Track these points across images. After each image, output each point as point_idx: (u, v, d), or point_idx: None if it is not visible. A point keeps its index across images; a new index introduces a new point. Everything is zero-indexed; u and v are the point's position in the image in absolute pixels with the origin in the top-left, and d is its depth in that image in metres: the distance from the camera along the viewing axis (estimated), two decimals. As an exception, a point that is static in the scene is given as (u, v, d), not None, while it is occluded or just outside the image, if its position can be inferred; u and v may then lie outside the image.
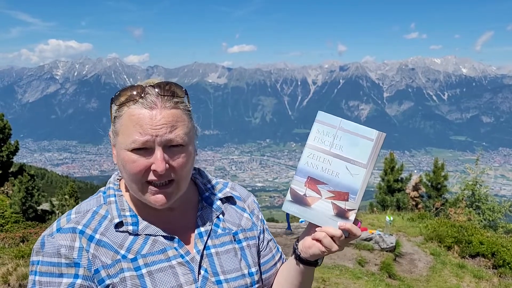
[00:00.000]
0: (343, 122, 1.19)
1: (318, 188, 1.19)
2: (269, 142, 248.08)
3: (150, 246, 1.19)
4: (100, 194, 1.28)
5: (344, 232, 1.17)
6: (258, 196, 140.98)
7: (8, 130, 21.53)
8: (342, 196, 1.18)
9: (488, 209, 13.16)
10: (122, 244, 1.17)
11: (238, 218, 1.37)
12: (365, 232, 8.50)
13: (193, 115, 1.22)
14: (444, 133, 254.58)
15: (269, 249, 1.44)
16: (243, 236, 1.34)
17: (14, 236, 14.02)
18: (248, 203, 1.44)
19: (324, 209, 1.19)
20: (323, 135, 1.20)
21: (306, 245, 1.24)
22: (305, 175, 1.20)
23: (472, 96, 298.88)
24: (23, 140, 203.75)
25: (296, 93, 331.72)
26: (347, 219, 1.19)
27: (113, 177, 1.32)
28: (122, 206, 1.23)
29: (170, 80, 1.17)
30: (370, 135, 1.18)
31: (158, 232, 1.21)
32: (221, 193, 1.38)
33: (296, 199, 1.21)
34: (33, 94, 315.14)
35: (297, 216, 1.22)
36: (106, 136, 1.24)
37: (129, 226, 1.19)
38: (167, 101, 1.13)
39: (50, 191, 29.80)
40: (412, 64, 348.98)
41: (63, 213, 18.94)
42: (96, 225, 1.19)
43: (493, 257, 8.58)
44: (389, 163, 16.01)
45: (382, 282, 7.13)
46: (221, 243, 1.28)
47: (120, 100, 1.15)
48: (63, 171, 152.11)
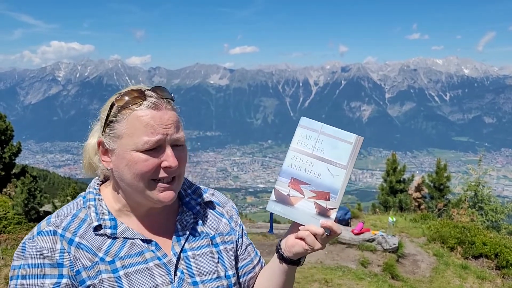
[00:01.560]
0: (324, 127, 1.26)
1: (301, 188, 1.24)
2: (271, 143, 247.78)
3: (128, 248, 1.21)
4: (80, 198, 1.30)
5: (326, 230, 1.22)
6: (260, 197, 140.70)
7: (11, 131, 21.57)
8: (323, 195, 1.23)
9: (491, 210, 13.11)
10: (100, 247, 1.19)
11: (216, 223, 1.40)
12: (367, 233, 8.49)
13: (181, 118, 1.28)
14: (446, 134, 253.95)
15: (247, 253, 1.47)
16: (220, 240, 1.37)
17: (17, 237, 14.06)
18: (227, 209, 1.47)
19: (307, 208, 1.23)
20: (306, 138, 1.25)
21: (289, 244, 1.27)
22: (288, 176, 1.25)
23: (474, 96, 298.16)
24: (25, 142, 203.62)
25: (298, 94, 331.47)
26: (328, 218, 1.23)
27: (93, 182, 1.33)
28: (101, 210, 1.25)
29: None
30: (349, 139, 1.25)
31: (136, 236, 1.23)
32: (200, 198, 1.41)
33: (280, 199, 1.25)
34: (35, 95, 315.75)
35: (281, 215, 1.26)
36: (81, 147, 1.26)
37: (107, 229, 1.21)
38: (167, 103, 1.20)
39: (52, 193, 29.83)
40: (414, 65, 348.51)
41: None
42: (76, 228, 1.20)
43: (496, 258, 8.56)
44: (391, 164, 15.98)
45: (385, 283, 7.12)
46: (198, 246, 1.31)
47: (122, 103, 1.18)
48: (65, 172, 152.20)
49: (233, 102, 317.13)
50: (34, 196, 18.41)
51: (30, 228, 17.16)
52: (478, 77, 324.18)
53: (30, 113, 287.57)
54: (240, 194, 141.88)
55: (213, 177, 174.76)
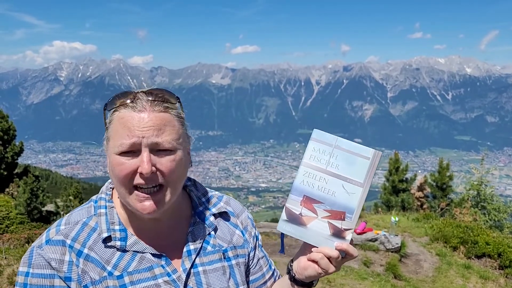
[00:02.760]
0: (339, 141, 1.18)
1: (314, 207, 1.18)
2: (273, 143, 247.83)
3: (137, 263, 1.18)
4: (91, 203, 1.26)
5: (341, 252, 1.16)
6: (262, 196, 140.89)
7: (13, 131, 21.62)
8: (338, 215, 1.17)
9: (494, 209, 13.09)
10: (109, 260, 1.17)
11: (229, 235, 1.35)
12: (370, 233, 8.48)
13: (186, 125, 1.21)
14: (448, 133, 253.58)
15: (259, 267, 1.43)
16: (232, 254, 1.33)
17: (19, 237, 14.08)
18: (242, 219, 1.42)
19: (320, 228, 1.17)
20: (319, 153, 1.18)
21: (301, 266, 1.21)
22: (300, 194, 1.18)
23: (477, 95, 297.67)
24: (27, 142, 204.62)
25: (300, 93, 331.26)
26: (343, 239, 1.17)
27: (106, 186, 1.30)
28: (112, 219, 1.21)
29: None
30: (367, 154, 1.18)
31: (146, 249, 1.20)
32: (215, 208, 1.36)
33: (292, 219, 1.19)
34: (38, 95, 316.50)
35: (292, 236, 1.20)
36: (102, 146, 1.22)
37: (117, 242, 1.18)
38: (156, 105, 1.13)
39: (54, 192, 29.91)
40: (416, 64, 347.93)
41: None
42: (85, 238, 1.18)
43: (500, 257, 8.54)
44: (393, 163, 15.95)
45: (387, 283, 7.10)
46: (209, 261, 1.26)
47: (112, 106, 1.15)
48: (68, 172, 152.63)
49: (235, 102, 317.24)
50: (37, 196, 18.45)
51: (33, 228, 17.20)
52: (481, 76, 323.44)
53: (33, 113, 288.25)
54: (242, 193, 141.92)
55: (215, 177, 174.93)
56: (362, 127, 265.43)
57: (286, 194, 21.51)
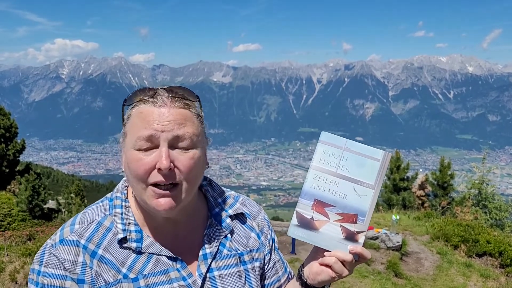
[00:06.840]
0: (348, 143, 1.18)
1: (326, 211, 1.17)
2: (274, 141, 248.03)
3: (152, 265, 1.16)
4: (106, 201, 1.24)
5: (354, 255, 1.15)
6: (263, 195, 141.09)
7: (15, 129, 21.67)
8: (350, 218, 1.16)
9: (495, 208, 13.09)
10: (124, 262, 1.15)
11: (246, 238, 1.33)
12: (371, 231, 8.48)
13: (205, 124, 1.21)
14: (450, 131, 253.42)
15: (275, 271, 1.41)
16: (248, 258, 1.31)
17: (21, 234, 14.14)
18: (258, 221, 1.40)
19: (333, 232, 1.16)
20: (329, 156, 1.18)
21: (314, 271, 1.20)
22: (311, 198, 1.17)
23: (478, 94, 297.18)
24: (29, 139, 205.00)
25: (301, 91, 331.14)
26: (356, 242, 1.16)
27: (121, 185, 1.27)
28: (128, 220, 1.19)
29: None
30: (377, 156, 1.17)
31: (162, 252, 1.18)
32: (231, 209, 1.33)
33: (303, 223, 1.18)
34: (39, 93, 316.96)
35: (304, 241, 1.18)
36: (117, 142, 1.19)
37: (132, 243, 1.16)
38: (177, 101, 1.12)
39: (56, 190, 29.98)
40: (417, 62, 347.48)
41: (69, 211, 18.82)
42: (100, 239, 1.16)
43: (500, 256, 8.54)
44: (395, 162, 15.95)
45: (388, 281, 7.12)
46: (225, 266, 1.25)
47: (132, 101, 1.14)
48: (69, 169, 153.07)
49: (236, 100, 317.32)
50: (38, 193, 18.50)
51: (34, 225, 17.25)
52: (482, 75, 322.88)
53: (34, 110, 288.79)
54: (243, 192, 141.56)
55: (216, 175, 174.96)
56: (364, 126, 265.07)
57: (287, 193, 21.69)
